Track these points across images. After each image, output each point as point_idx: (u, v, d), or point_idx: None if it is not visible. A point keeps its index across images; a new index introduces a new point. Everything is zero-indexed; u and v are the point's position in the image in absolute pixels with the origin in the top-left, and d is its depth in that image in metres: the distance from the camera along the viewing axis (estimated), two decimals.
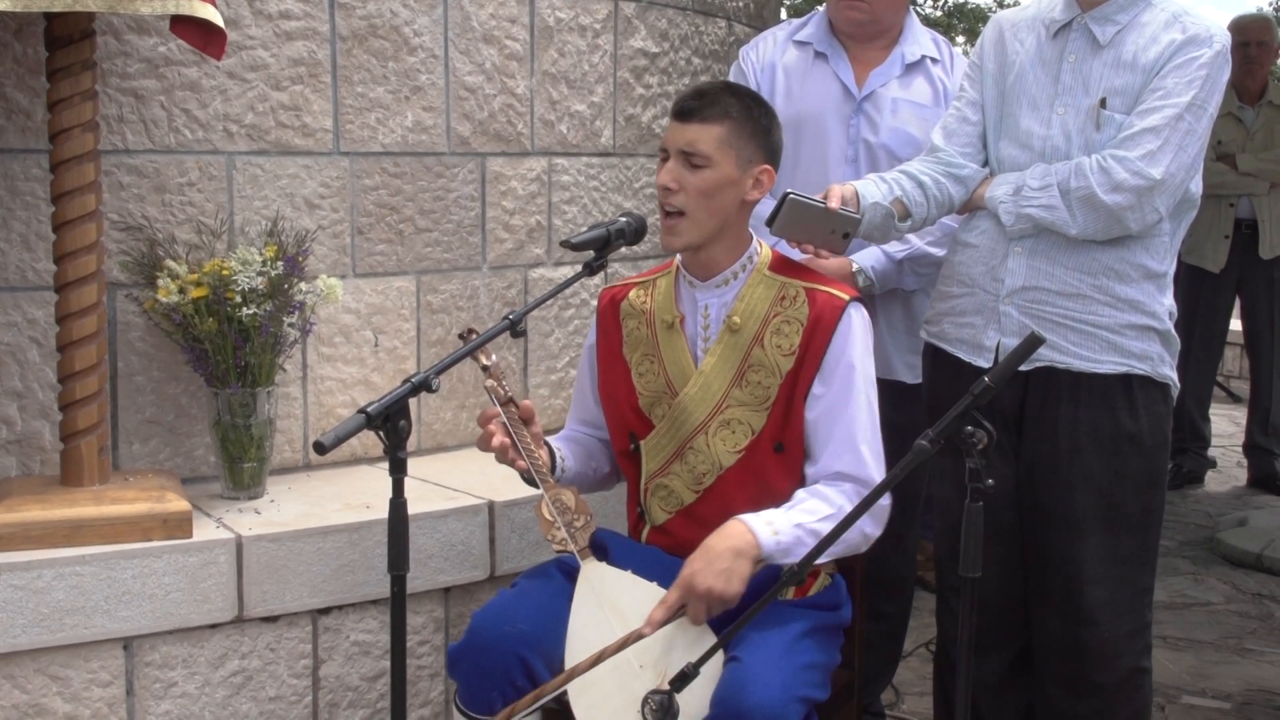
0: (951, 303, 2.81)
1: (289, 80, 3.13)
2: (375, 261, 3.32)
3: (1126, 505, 2.68)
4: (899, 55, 3.09)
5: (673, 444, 2.52)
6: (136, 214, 2.97)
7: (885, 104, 3.06)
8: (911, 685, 3.74)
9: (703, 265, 2.52)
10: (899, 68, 3.09)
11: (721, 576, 2.24)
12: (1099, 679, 2.71)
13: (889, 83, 3.08)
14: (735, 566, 2.25)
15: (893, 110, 3.05)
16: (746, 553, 2.27)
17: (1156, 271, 2.66)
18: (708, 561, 2.27)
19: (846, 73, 3.07)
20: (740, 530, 2.31)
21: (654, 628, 2.26)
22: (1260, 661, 4.07)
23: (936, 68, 3.11)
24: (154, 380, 3.02)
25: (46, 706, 2.56)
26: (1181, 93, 2.55)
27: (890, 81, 3.08)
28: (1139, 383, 2.67)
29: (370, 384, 3.32)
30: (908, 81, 3.08)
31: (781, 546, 2.29)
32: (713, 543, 2.30)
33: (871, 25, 3.06)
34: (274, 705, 2.81)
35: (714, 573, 2.25)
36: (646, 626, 2.26)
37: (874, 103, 3.06)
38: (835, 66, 3.08)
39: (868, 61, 3.10)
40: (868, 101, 3.06)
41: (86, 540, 2.59)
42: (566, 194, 3.69)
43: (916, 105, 3.06)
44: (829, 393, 2.42)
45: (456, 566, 2.97)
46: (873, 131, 3.04)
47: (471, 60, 3.43)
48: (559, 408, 3.65)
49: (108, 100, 2.90)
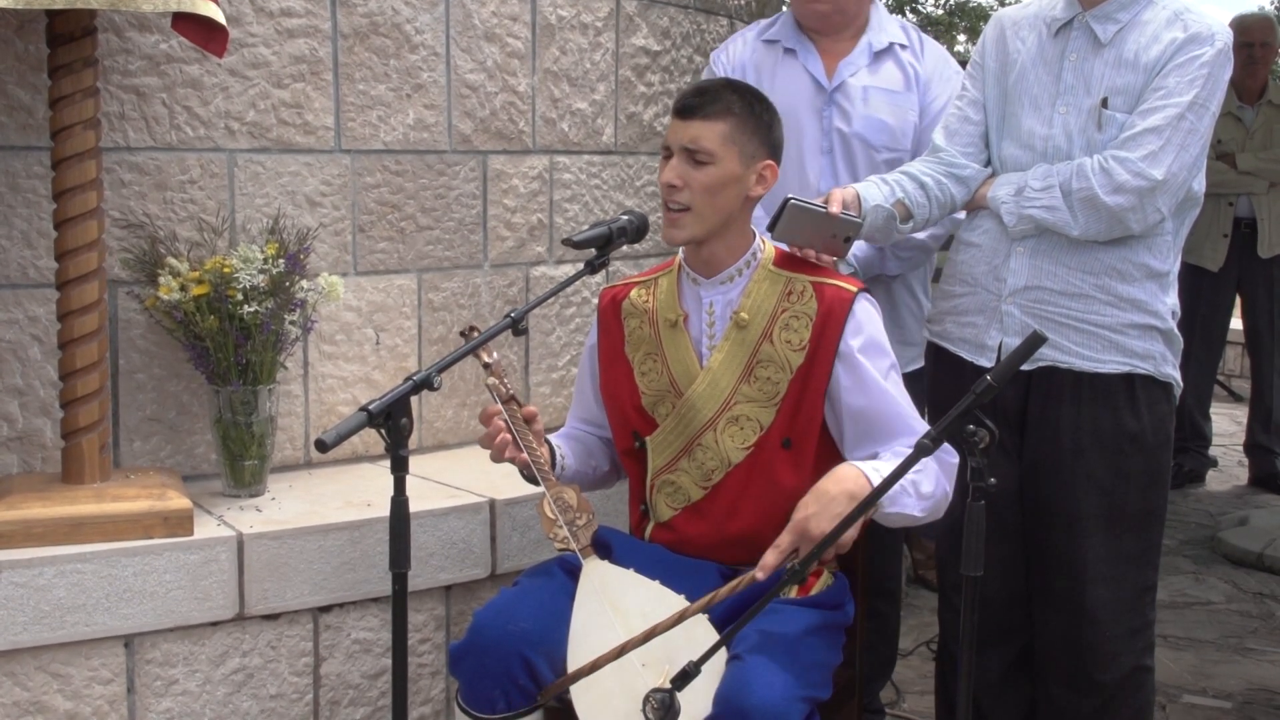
0: (954, 302, 2.81)
1: (290, 78, 3.13)
2: (377, 259, 3.32)
3: (1129, 505, 2.68)
4: (866, 44, 3.10)
5: (680, 441, 2.52)
6: (138, 211, 2.97)
7: (856, 93, 3.06)
8: (912, 684, 3.74)
9: (706, 262, 2.52)
10: (867, 56, 3.09)
11: (837, 521, 2.18)
12: (1101, 677, 2.71)
13: (858, 72, 3.08)
14: (848, 511, 2.19)
15: (864, 98, 3.05)
16: (859, 496, 2.23)
17: (1159, 271, 2.66)
18: (823, 505, 2.23)
19: (816, 66, 3.08)
20: (854, 474, 2.28)
21: (767, 572, 2.22)
22: (1261, 661, 4.07)
23: (906, 53, 3.11)
24: (155, 378, 3.02)
25: (47, 704, 2.56)
26: (1183, 92, 2.55)
27: (859, 70, 3.08)
28: (1142, 382, 2.66)
29: (371, 382, 3.32)
30: (877, 69, 3.09)
31: (890, 494, 2.23)
32: (826, 486, 2.27)
33: (836, 16, 3.07)
34: (275, 703, 2.81)
35: (830, 516, 2.21)
36: (759, 571, 2.22)
37: (844, 93, 3.06)
38: (804, 60, 3.08)
39: (836, 53, 3.11)
40: (838, 92, 3.06)
41: (87, 538, 2.59)
42: (568, 192, 3.69)
43: (887, 92, 3.06)
44: (860, 382, 2.42)
45: (458, 564, 2.97)
46: (846, 121, 3.04)
47: (473, 58, 3.43)
48: (560, 406, 3.65)
49: (109, 97, 2.89)
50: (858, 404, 2.43)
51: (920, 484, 2.33)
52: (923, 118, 3.07)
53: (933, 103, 3.07)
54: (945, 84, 3.08)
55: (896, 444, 2.41)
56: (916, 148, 3.04)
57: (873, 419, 2.43)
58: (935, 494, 2.37)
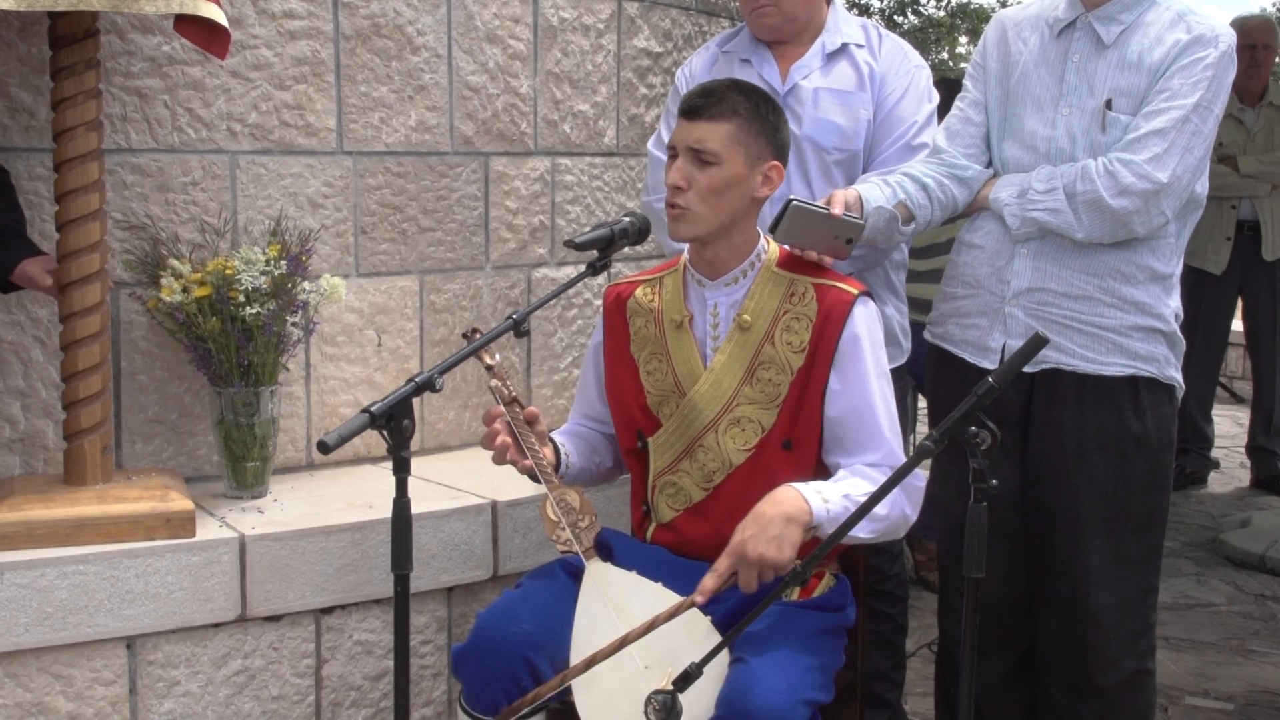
0: (956, 304, 2.80)
1: (293, 79, 3.13)
2: (378, 261, 3.32)
3: (1132, 507, 2.68)
4: (820, 46, 3.08)
5: (682, 442, 2.52)
6: (140, 213, 2.97)
7: (807, 96, 3.04)
8: (913, 686, 3.73)
9: (710, 263, 2.52)
10: (820, 58, 3.07)
11: (774, 543, 2.20)
12: (1102, 680, 2.71)
13: (810, 74, 3.06)
14: (787, 533, 2.21)
15: (814, 101, 3.03)
16: (798, 519, 2.23)
17: (1162, 273, 2.65)
18: (760, 528, 2.23)
19: (771, 72, 3.07)
20: (793, 497, 2.27)
21: (705, 596, 2.22)
22: (1263, 663, 4.06)
23: (862, 52, 3.08)
24: (157, 379, 3.02)
25: (49, 705, 2.56)
26: (1187, 94, 2.55)
27: (812, 73, 3.06)
28: (1145, 384, 2.66)
29: (373, 383, 3.32)
30: (829, 70, 3.07)
31: (831, 515, 2.25)
32: (764, 509, 2.26)
33: (787, 25, 3.05)
34: (277, 704, 2.81)
35: (766, 539, 2.21)
36: (698, 595, 2.22)
37: (796, 96, 3.05)
38: (760, 68, 3.07)
39: (792, 58, 3.10)
40: (790, 96, 3.05)
41: (90, 539, 2.59)
42: (570, 194, 3.69)
43: (837, 92, 3.04)
44: (846, 387, 2.42)
45: (459, 566, 2.97)
46: (797, 124, 3.02)
47: (475, 60, 3.43)
48: (562, 408, 3.65)
49: (111, 99, 2.90)
50: (837, 412, 2.42)
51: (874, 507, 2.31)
52: (877, 114, 3.05)
53: (887, 98, 3.04)
54: (901, 78, 3.05)
55: (860, 459, 2.41)
56: (869, 145, 3.03)
57: (846, 429, 2.42)
58: (890, 516, 2.34)
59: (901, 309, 3.15)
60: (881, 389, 2.45)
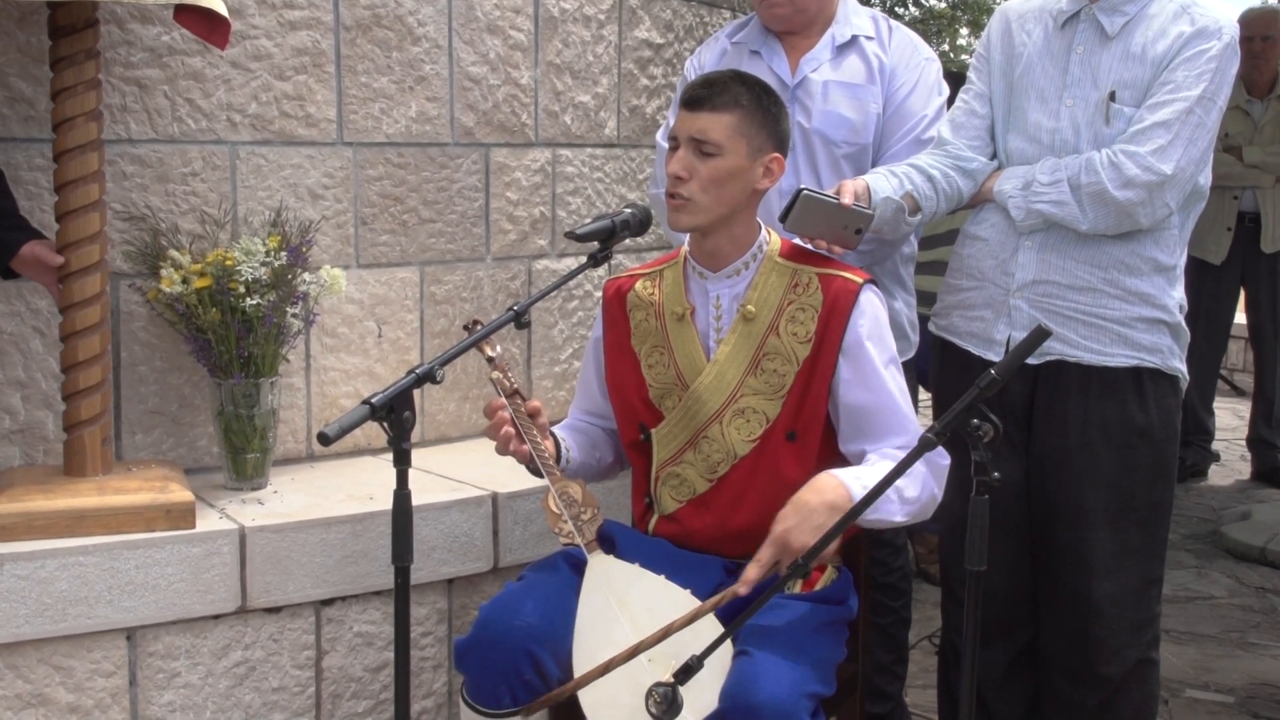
0: (960, 296, 2.80)
1: (293, 70, 3.12)
2: (379, 252, 3.31)
3: (1136, 498, 2.67)
4: (829, 38, 3.07)
5: (686, 433, 2.51)
6: (140, 204, 2.96)
7: (816, 89, 3.03)
8: (915, 678, 3.73)
9: (710, 255, 2.51)
10: (830, 51, 3.06)
11: (818, 533, 2.18)
12: (1106, 671, 2.71)
13: (820, 67, 3.04)
14: (830, 522, 2.19)
15: (824, 94, 3.02)
16: (840, 507, 2.22)
17: (1166, 264, 2.65)
18: (803, 517, 2.22)
19: (781, 65, 3.05)
20: (834, 485, 2.27)
21: (749, 586, 2.20)
22: (1263, 655, 4.07)
23: (871, 44, 3.07)
24: (157, 370, 3.01)
25: (49, 696, 2.56)
26: (1191, 86, 2.54)
27: (821, 66, 3.04)
28: (1149, 376, 2.66)
29: (374, 375, 3.32)
30: (839, 63, 3.05)
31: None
32: (806, 497, 2.25)
33: (798, 16, 3.04)
34: (277, 696, 2.80)
35: (810, 529, 2.20)
36: (742, 585, 2.21)
37: (805, 89, 3.04)
38: (769, 60, 3.06)
39: (802, 50, 3.08)
40: (800, 89, 3.04)
41: (89, 530, 2.59)
42: (570, 185, 3.68)
43: (847, 86, 3.03)
44: (860, 375, 2.42)
45: (460, 558, 2.97)
46: (806, 118, 3.02)
47: (476, 50, 3.42)
48: (563, 399, 3.64)
49: (111, 89, 2.89)
50: (854, 399, 2.42)
51: (905, 489, 2.32)
52: (886, 108, 3.04)
53: (897, 91, 3.03)
54: (911, 71, 3.04)
55: (887, 444, 2.40)
56: (878, 138, 3.02)
57: (867, 416, 2.42)
58: (921, 498, 2.35)
59: (910, 303, 3.15)
60: (893, 374, 2.45)
